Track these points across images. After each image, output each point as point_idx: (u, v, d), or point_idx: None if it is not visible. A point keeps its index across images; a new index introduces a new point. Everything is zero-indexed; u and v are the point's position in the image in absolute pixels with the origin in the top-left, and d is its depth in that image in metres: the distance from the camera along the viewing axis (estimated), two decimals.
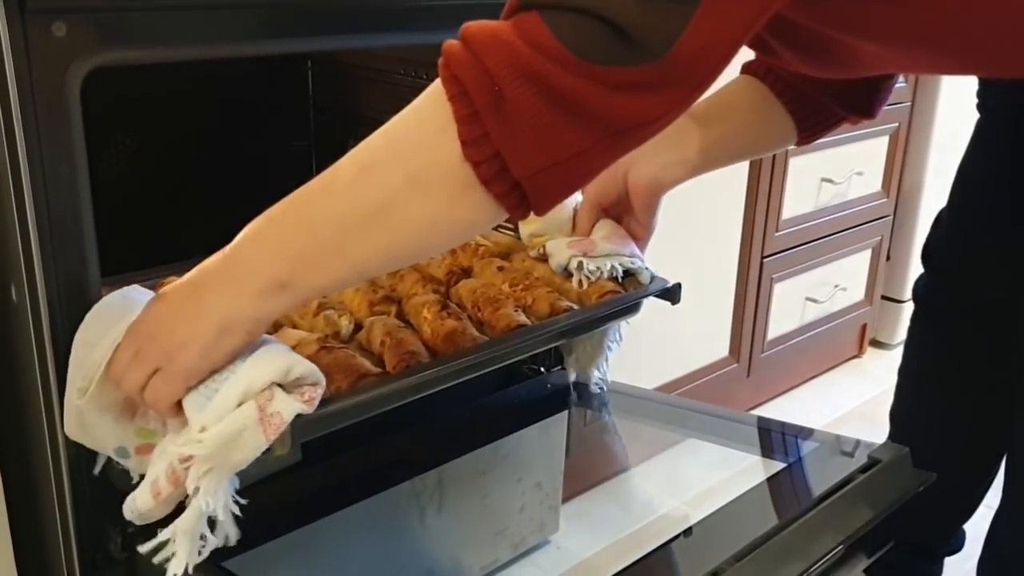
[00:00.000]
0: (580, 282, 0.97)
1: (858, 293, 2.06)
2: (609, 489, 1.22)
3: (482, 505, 1.10)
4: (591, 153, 0.60)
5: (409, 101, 1.41)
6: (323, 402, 0.73)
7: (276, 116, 1.53)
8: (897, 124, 1.95)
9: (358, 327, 0.93)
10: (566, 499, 1.18)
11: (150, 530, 0.86)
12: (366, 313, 0.95)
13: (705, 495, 0.97)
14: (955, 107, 1.97)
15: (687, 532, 0.82)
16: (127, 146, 1.38)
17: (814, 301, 1.90)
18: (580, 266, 0.97)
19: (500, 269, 1.04)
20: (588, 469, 1.37)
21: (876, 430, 1.84)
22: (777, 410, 1.90)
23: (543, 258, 1.04)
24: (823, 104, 0.90)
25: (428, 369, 0.83)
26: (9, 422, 0.88)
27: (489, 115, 0.59)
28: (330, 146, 1.54)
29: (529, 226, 1.05)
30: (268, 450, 0.72)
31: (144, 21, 0.81)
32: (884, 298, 2.16)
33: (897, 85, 1.93)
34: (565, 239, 1.01)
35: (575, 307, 0.95)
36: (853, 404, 1.97)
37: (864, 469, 0.90)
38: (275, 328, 0.88)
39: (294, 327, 0.91)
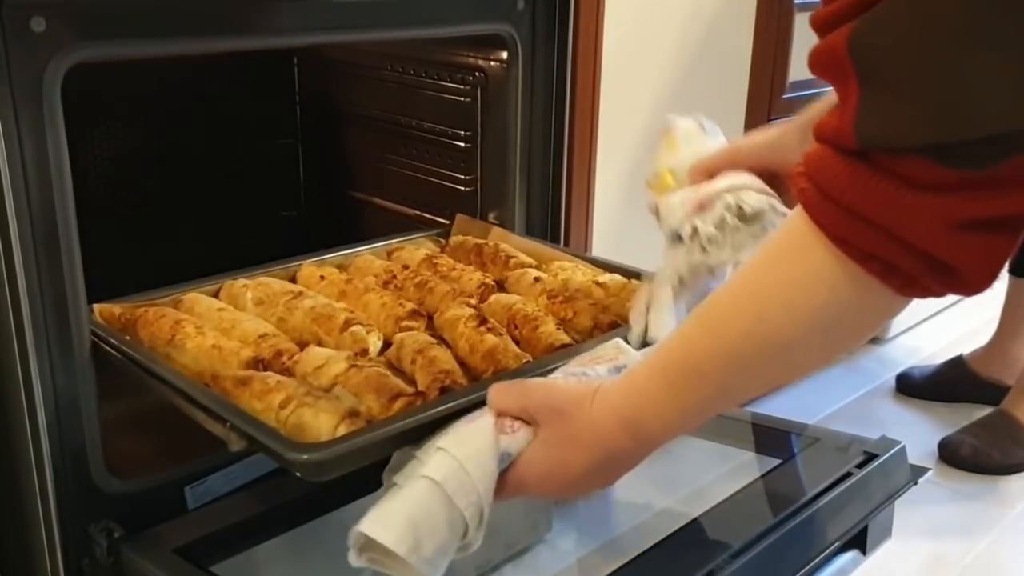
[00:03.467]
0: (702, 248, 0.77)
1: None
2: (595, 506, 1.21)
3: None
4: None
5: (396, 97, 1.40)
6: (366, 429, 0.72)
7: (261, 112, 1.51)
8: None
9: (386, 345, 0.89)
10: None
11: (134, 534, 0.85)
12: (392, 329, 0.90)
13: (699, 493, 0.95)
14: None
15: (682, 530, 0.81)
16: (108, 145, 1.36)
17: None
18: (695, 232, 0.77)
19: (536, 280, 0.98)
20: None
21: (870, 425, 1.84)
22: (770, 406, 1.89)
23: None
24: None
25: (474, 393, 0.74)
26: None
27: (937, 284, 0.52)
28: (316, 142, 1.53)
29: (665, 160, 0.85)
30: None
31: (125, 15, 0.80)
32: None
33: None
34: (680, 195, 0.80)
35: (617, 320, 0.90)
36: (846, 399, 1.96)
37: (860, 465, 0.89)
38: (301, 346, 0.86)
39: (319, 344, 0.88)
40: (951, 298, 1.96)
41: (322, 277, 1.00)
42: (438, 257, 1.07)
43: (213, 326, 0.89)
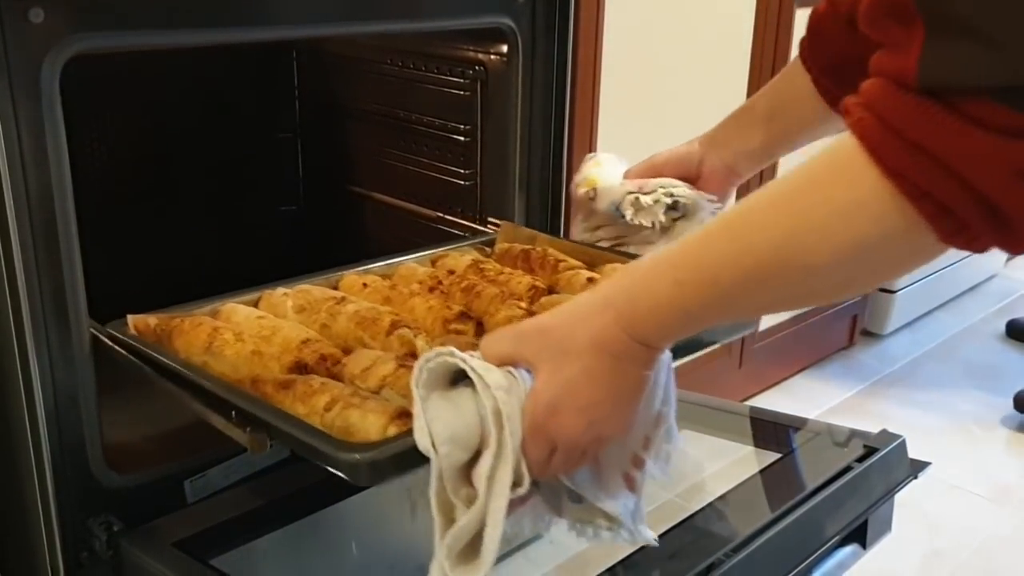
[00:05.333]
0: (634, 220, 0.94)
1: None
2: None
3: None
4: None
5: (396, 91, 1.39)
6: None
7: (261, 107, 1.51)
8: None
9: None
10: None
11: (134, 528, 0.85)
12: (439, 332, 0.86)
13: (699, 487, 0.95)
14: None
15: (682, 524, 0.81)
16: (106, 139, 1.36)
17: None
18: (636, 201, 0.94)
19: (590, 281, 0.95)
20: None
21: (868, 420, 1.84)
22: (769, 401, 1.89)
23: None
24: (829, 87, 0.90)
25: None
26: None
27: (987, 233, 0.50)
28: (315, 137, 1.53)
29: (591, 173, 1.00)
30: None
31: (124, 6, 0.79)
32: (876, 289, 2.16)
33: None
34: (618, 181, 0.97)
35: None
36: (845, 395, 1.96)
37: (860, 459, 0.89)
38: (345, 352, 0.82)
39: (363, 345, 0.84)
40: (950, 292, 1.99)
41: (365, 285, 0.97)
42: (484, 262, 1.03)
43: (252, 332, 0.85)
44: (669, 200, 0.94)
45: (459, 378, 0.63)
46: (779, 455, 0.95)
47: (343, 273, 1.00)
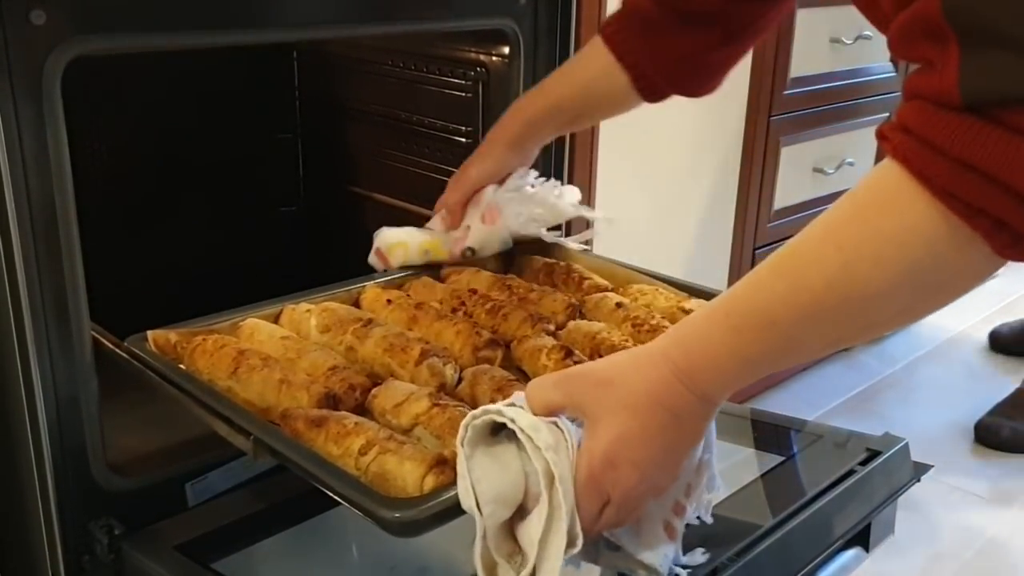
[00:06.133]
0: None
1: None
2: None
3: None
4: None
5: (397, 92, 1.39)
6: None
7: (261, 108, 1.51)
8: (887, 115, 1.94)
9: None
10: None
11: (135, 531, 0.84)
12: (469, 359, 0.84)
13: None
14: None
15: (685, 527, 0.80)
16: (107, 139, 1.36)
17: None
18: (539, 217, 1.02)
19: (619, 307, 0.91)
20: None
21: (869, 420, 1.84)
22: (769, 402, 1.89)
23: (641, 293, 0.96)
24: (666, 88, 0.97)
25: None
26: None
27: None
28: (315, 138, 1.52)
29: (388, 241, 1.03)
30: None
31: (126, 8, 0.79)
32: None
33: (889, 75, 1.93)
34: (477, 224, 1.02)
35: None
36: (845, 395, 1.96)
37: (863, 462, 0.89)
38: (374, 381, 0.80)
39: (392, 376, 0.82)
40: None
41: (389, 301, 0.93)
42: (510, 279, 0.99)
43: (275, 355, 0.83)
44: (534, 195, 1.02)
45: (499, 428, 0.62)
46: (781, 458, 0.95)
47: (364, 285, 0.98)
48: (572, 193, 1.06)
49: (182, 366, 0.82)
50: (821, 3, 1.68)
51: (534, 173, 1.04)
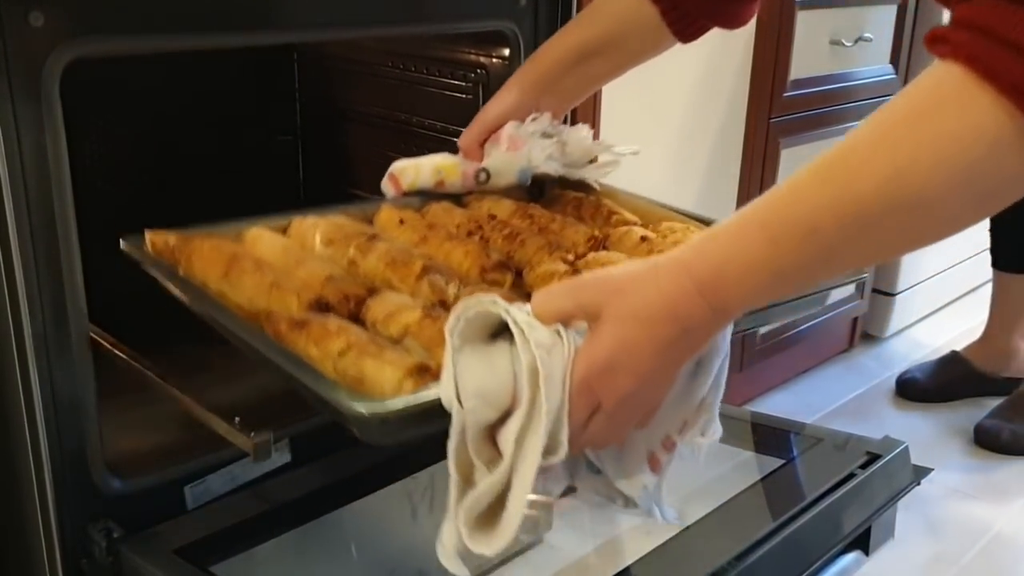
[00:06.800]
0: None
1: (849, 286, 2.06)
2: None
3: None
4: None
5: (396, 94, 1.39)
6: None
7: (261, 110, 1.50)
8: None
9: None
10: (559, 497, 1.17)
11: (134, 534, 0.84)
12: (476, 281, 0.80)
13: (700, 493, 0.95)
14: None
15: (685, 532, 0.80)
16: (105, 140, 1.35)
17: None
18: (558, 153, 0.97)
19: (643, 240, 0.86)
20: None
21: (868, 423, 1.84)
22: (769, 404, 1.89)
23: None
24: (698, 17, 0.94)
25: None
26: None
27: None
28: (315, 140, 1.52)
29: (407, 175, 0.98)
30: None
31: (125, 9, 0.79)
32: (875, 291, 2.16)
33: (889, 76, 1.93)
34: (500, 150, 0.97)
35: None
36: (845, 398, 1.96)
37: (863, 465, 0.89)
38: (370, 292, 0.76)
39: (390, 287, 0.78)
40: (949, 295, 1.98)
41: (402, 221, 0.90)
42: (532, 207, 0.95)
43: (276, 264, 0.80)
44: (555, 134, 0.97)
45: (499, 333, 0.58)
46: (781, 461, 0.95)
47: (380, 205, 0.94)
48: (585, 130, 1.02)
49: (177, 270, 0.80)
50: (821, 5, 1.68)
51: (550, 117, 0.99)
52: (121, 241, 0.82)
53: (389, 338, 0.69)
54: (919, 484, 0.93)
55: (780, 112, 1.67)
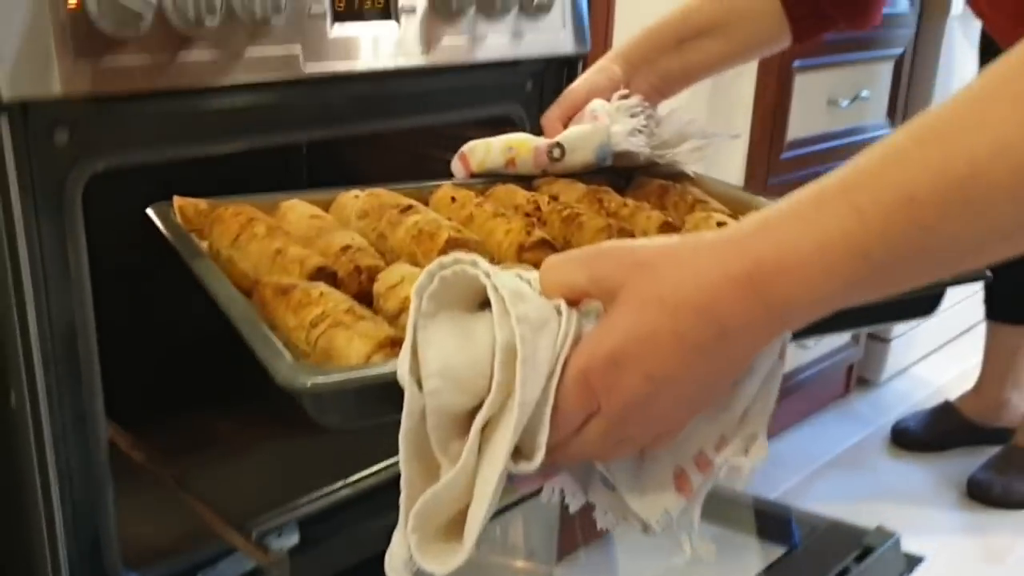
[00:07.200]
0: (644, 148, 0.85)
1: (844, 334, 2.08)
2: (598, 559, 1.22)
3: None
4: None
5: (404, 165, 1.39)
6: None
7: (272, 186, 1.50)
8: None
9: None
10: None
11: None
12: (512, 259, 0.71)
13: None
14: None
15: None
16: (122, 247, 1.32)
17: (803, 346, 1.92)
18: (646, 132, 0.85)
19: (720, 227, 0.74)
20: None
21: (864, 476, 1.86)
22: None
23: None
24: (820, 5, 0.86)
25: None
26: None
27: None
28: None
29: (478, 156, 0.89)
30: None
31: (145, 126, 0.81)
32: (871, 337, 2.19)
33: (883, 131, 1.96)
34: (579, 127, 0.86)
35: None
36: (841, 447, 1.98)
37: (859, 558, 0.92)
38: (387, 261, 0.70)
39: (415, 264, 0.69)
40: (944, 337, 1.99)
41: (453, 199, 0.82)
42: (605, 192, 0.84)
43: (298, 233, 0.74)
44: (641, 112, 0.85)
45: (487, 303, 0.47)
46: (780, 550, 0.97)
47: (440, 184, 0.87)
48: (678, 111, 0.92)
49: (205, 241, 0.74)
50: (819, 67, 1.71)
51: (640, 98, 0.87)
52: (149, 209, 0.77)
53: (387, 313, 0.61)
54: (911, 572, 0.95)
55: (778, 172, 1.70)
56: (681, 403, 0.47)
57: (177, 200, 0.78)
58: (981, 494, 1.78)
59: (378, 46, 0.93)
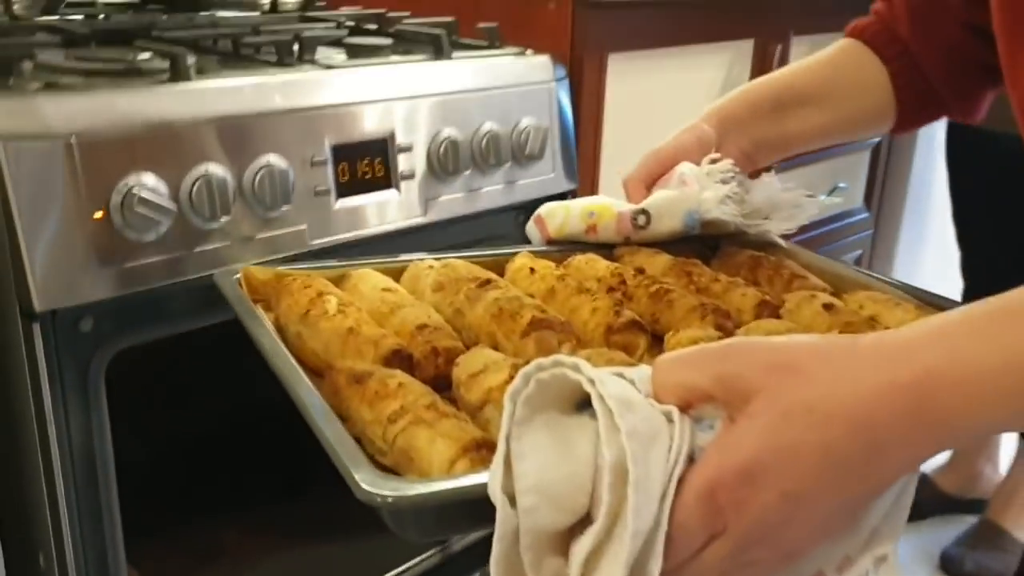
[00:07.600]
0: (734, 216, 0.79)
1: None
2: None
3: None
4: None
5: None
6: None
7: None
8: (861, 252, 2.05)
9: None
10: None
11: None
12: (600, 342, 0.66)
13: None
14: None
15: None
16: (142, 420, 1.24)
17: None
18: (735, 198, 0.80)
19: (827, 309, 0.70)
20: None
21: None
22: None
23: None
24: (931, 88, 0.80)
25: None
26: None
27: None
28: None
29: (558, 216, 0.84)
30: None
31: (162, 306, 0.87)
32: None
33: (862, 216, 2.00)
34: (666, 191, 0.80)
35: None
36: None
37: None
38: (464, 338, 0.67)
39: (496, 348, 0.65)
40: None
41: (532, 270, 0.77)
42: (693, 264, 0.79)
43: (370, 307, 0.69)
44: (733, 178, 0.79)
45: (587, 406, 0.43)
46: None
47: (516, 251, 0.81)
48: (771, 177, 0.85)
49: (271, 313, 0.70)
50: (796, 165, 1.78)
51: (731, 162, 0.81)
52: (214, 274, 0.75)
53: (469, 405, 0.57)
54: None
55: None
56: (816, 524, 0.42)
57: (245, 269, 0.74)
58: (954, 569, 1.83)
59: (380, 211, 0.99)
